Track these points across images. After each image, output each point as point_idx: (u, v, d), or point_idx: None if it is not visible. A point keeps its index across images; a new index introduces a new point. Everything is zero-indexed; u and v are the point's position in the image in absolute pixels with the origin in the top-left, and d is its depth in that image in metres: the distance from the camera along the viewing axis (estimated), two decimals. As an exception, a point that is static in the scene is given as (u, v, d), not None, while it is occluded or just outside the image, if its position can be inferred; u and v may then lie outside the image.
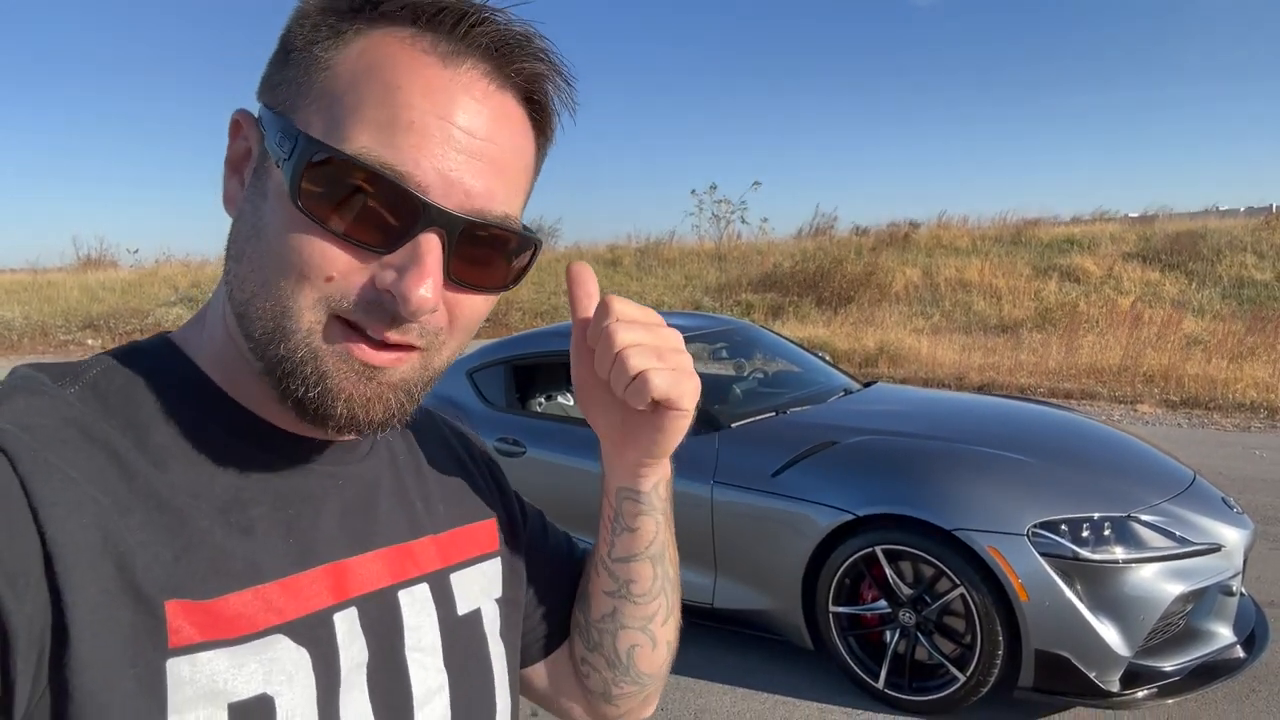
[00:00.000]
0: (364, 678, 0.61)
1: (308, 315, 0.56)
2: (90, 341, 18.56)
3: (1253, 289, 15.05)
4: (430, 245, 0.55)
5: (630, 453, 0.74)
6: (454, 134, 0.55)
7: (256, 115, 0.60)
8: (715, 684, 3.65)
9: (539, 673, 0.86)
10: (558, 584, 0.86)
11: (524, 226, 0.62)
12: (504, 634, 0.76)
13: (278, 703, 0.54)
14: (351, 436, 0.64)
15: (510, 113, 0.59)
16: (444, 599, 0.70)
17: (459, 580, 0.72)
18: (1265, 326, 11.36)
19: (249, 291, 0.57)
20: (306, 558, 0.60)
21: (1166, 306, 13.77)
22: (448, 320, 0.59)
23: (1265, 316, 12.02)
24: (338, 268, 0.55)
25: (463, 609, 0.71)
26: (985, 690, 3.16)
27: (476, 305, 0.61)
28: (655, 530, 0.79)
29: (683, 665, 3.75)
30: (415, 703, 0.64)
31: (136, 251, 26.83)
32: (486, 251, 0.59)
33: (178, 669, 0.51)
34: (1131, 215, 22.59)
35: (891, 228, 21.77)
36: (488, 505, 0.80)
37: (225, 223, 0.62)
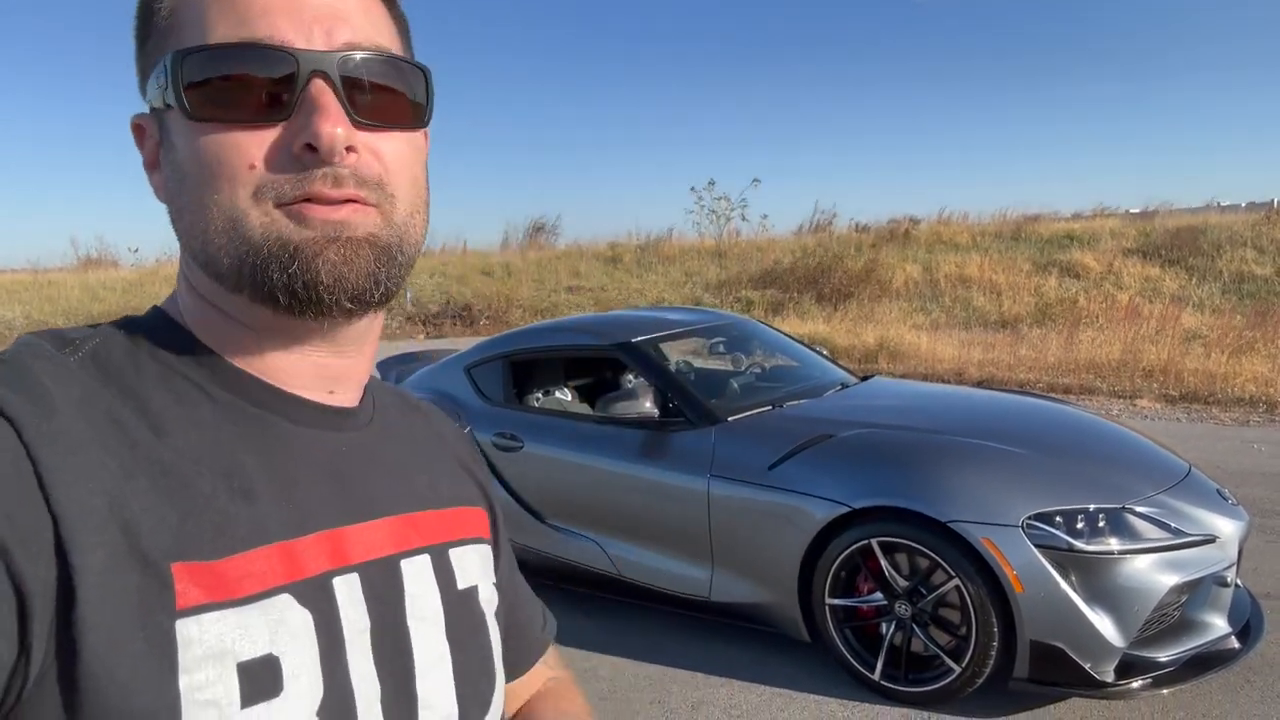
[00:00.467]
0: (367, 641, 0.62)
1: (254, 214, 0.57)
2: (91, 340, 18.58)
3: (1253, 284, 15.03)
4: (319, 90, 0.57)
5: None
6: None
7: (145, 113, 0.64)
8: (713, 676, 3.66)
9: None
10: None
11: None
12: (497, 616, 0.77)
13: (284, 662, 0.55)
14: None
15: None
16: (444, 571, 0.70)
17: (458, 556, 0.73)
18: (1265, 321, 11.35)
19: (199, 233, 0.59)
20: (307, 522, 0.61)
21: (1166, 302, 13.76)
22: (382, 168, 0.61)
23: (1265, 311, 12.01)
24: (253, 153, 0.57)
25: (462, 584, 0.72)
26: (980, 681, 3.17)
27: (400, 148, 0.63)
28: None
29: (680, 658, 3.80)
30: (418, 670, 0.65)
31: (137, 250, 26.76)
32: (378, 87, 0.61)
33: (186, 629, 0.52)
34: (1132, 211, 22.56)
35: (892, 224, 21.76)
36: (481, 497, 0.82)
37: None
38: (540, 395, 4.99)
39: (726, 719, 3.35)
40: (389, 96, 0.62)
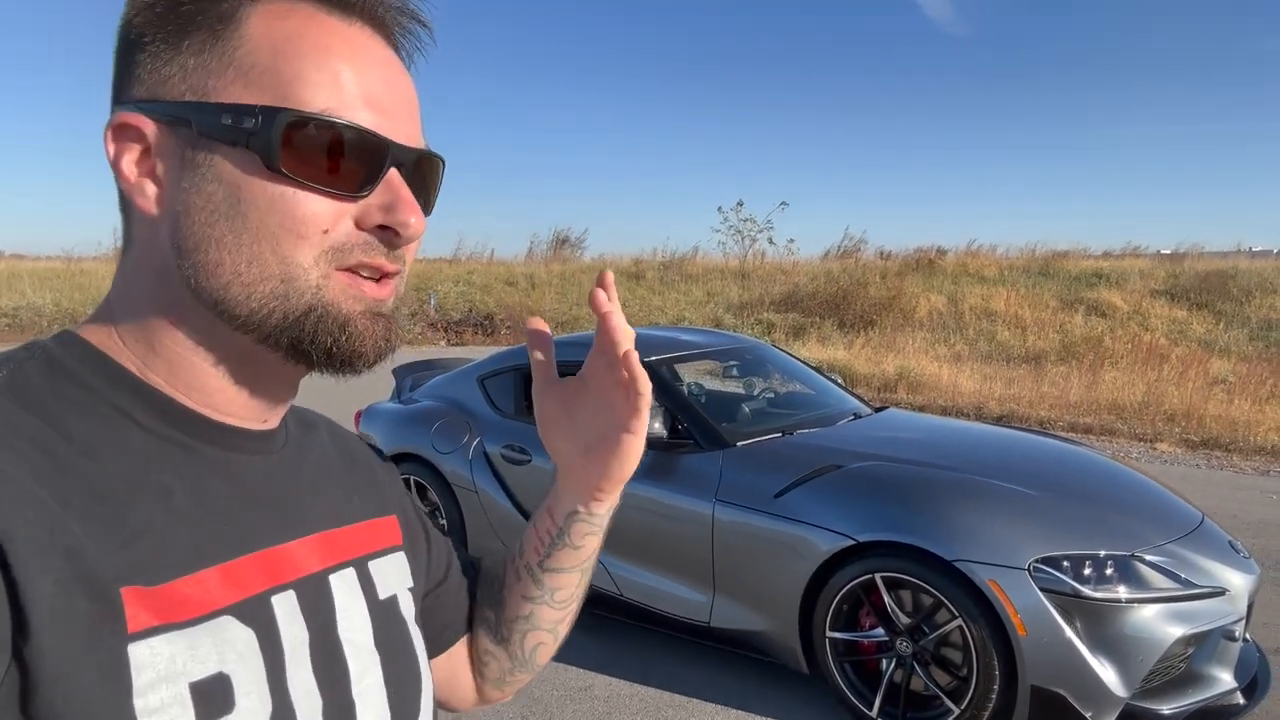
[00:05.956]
0: (307, 655, 0.64)
1: (314, 272, 0.60)
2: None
3: (1281, 331, 14.86)
4: (398, 180, 0.63)
5: (591, 478, 0.83)
6: (379, 85, 0.63)
7: (151, 114, 0.61)
8: (708, 704, 3.64)
9: (435, 665, 0.90)
10: (458, 590, 0.94)
11: None
12: (418, 620, 0.80)
13: (234, 680, 0.56)
14: (278, 417, 0.70)
15: (396, 59, 0.67)
16: (368, 584, 0.74)
17: (377, 567, 0.76)
18: (1292, 370, 11.21)
19: (228, 274, 0.60)
20: (243, 543, 0.62)
21: (1192, 345, 13.62)
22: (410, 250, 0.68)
23: (1292, 360, 11.86)
24: (328, 219, 0.60)
25: (383, 594, 0.75)
26: (979, 724, 3.13)
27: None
28: (596, 547, 0.89)
29: (677, 682, 3.78)
30: (352, 678, 0.68)
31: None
32: (424, 179, 0.68)
33: (138, 653, 0.52)
34: (1163, 252, 22.41)
35: (918, 253, 21.71)
36: (391, 503, 0.85)
37: None
38: (552, 410, 4.98)
39: (720, 747, 3.33)
40: (429, 190, 0.70)
